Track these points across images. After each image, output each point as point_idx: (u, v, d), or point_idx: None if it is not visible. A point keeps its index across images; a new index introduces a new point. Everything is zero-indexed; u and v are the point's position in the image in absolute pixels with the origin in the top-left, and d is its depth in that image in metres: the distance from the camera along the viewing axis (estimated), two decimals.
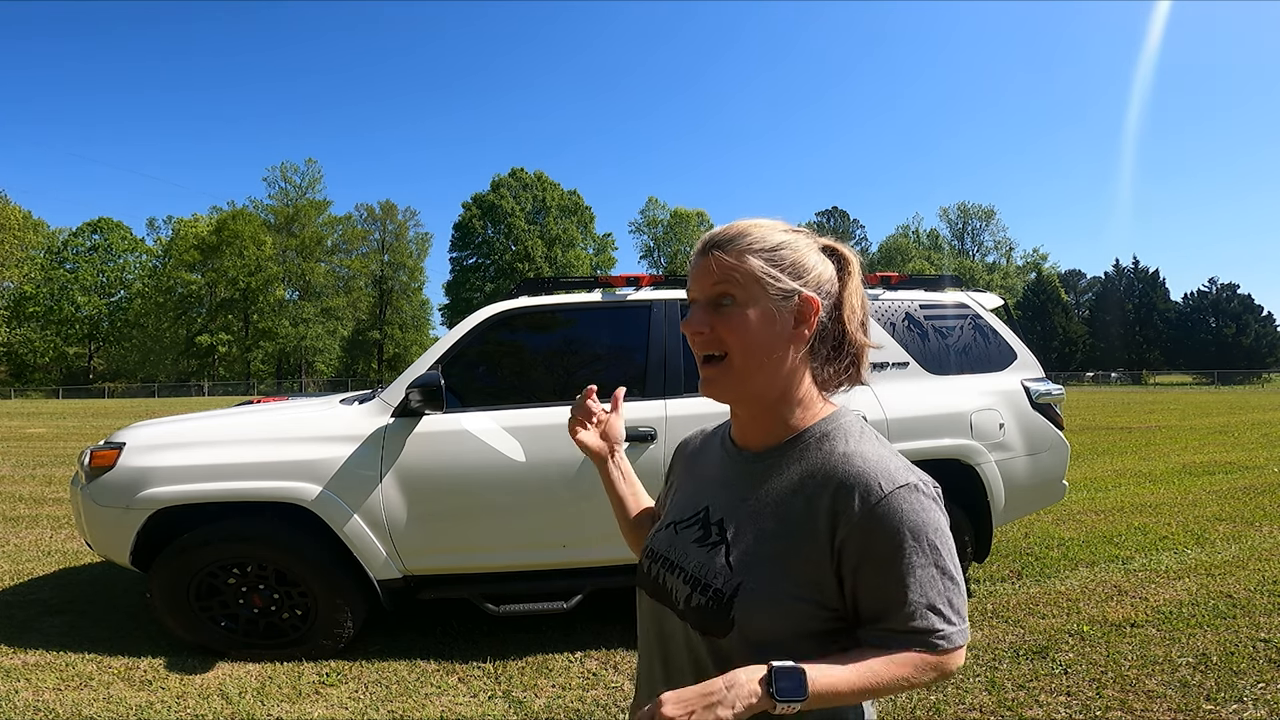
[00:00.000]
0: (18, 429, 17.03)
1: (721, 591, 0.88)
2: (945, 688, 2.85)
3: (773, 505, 0.90)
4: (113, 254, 58.36)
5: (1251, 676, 2.90)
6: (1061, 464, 3.84)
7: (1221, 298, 57.28)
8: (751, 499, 0.92)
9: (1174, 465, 8.62)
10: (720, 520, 0.94)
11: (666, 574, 0.96)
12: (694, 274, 0.93)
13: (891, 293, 3.83)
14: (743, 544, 0.90)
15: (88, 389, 52.32)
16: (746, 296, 0.89)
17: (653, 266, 65.77)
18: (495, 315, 3.48)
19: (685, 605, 0.91)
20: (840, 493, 0.85)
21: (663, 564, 0.98)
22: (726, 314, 0.89)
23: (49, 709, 2.79)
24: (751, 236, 0.90)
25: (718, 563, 0.90)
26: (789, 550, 0.87)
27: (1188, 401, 24.04)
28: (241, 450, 3.18)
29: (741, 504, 0.93)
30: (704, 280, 0.91)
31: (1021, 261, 72.01)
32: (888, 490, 0.83)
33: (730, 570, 0.88)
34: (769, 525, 0.89)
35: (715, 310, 0.90)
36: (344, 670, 3.11)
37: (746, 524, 0.91)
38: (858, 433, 0.92)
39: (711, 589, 0.89)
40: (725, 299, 0.90)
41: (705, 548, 0.93)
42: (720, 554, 0.91)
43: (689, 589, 0.91)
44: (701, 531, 0.95)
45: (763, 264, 0.89)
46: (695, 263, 0.93)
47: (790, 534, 0.87)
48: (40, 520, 6.18)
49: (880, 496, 0.83)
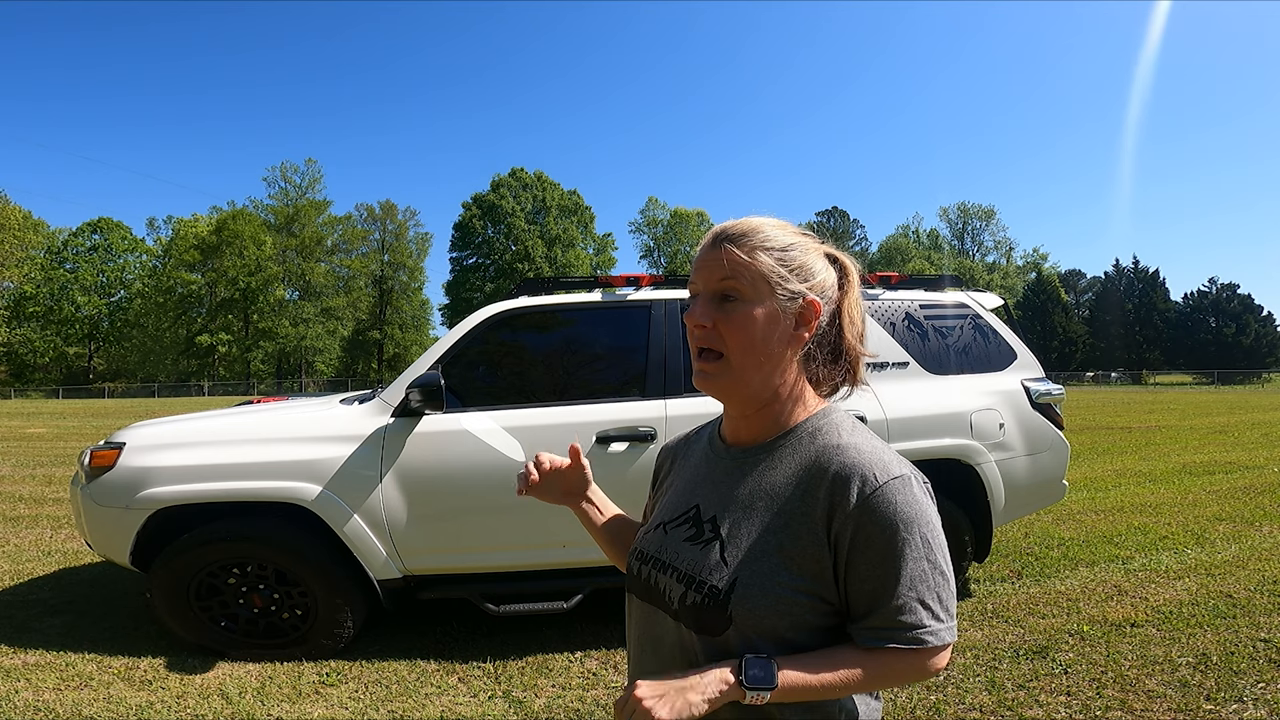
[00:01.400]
0: (18, 429, 17.03)
1: (718, 588, 0.87)
2: (945, 687, 2.85)
3: (767, 499, 0.90)
4: (113, 254, 58.39)
5: (1251, 676, 2.90)
6: (1061, 464, 3.84)
7: (1221, 298, 57.27)
8: (744, 494, 0.92)
9: (1174, 465, 8.62)
10: (713, 517, 0.94)
11: (658, 574, 0.95)
12: (701, 265, 0.92)
13: (891, 293, 3.83)
14: (738, 539, 0.89)
15: (88, 389, 52.31)
16: (753, 294, 0.88)
17: (653, 266, 65.76)
18: (495, 315, 3.48)
19: (680, 604, 0.91)
20: (836, 483, 0.85)
21: (653, 565, 0.97)
22: (731, 310, 0.89)
23: (49, 709, 2.78)
24: (764, 234, 0.90)
25: (712, 559, 0.90)
26: (786, 542, 0.87)
27: (1188, 401, 24.04)
28: (241, 450, 3.18)
29: (733, 499, 0.93)
30: (712, 273, 0.90)
31: (1021, 261, 72.05)
32: (882, 481, 0.84)
33: (725, 566, 0.88)
34: (764, 519, 0.89)
35: (719, 305, 0.90)
36: (344, 670, 3.11)
37: (740, 519, 0.91)
38: (849, 427, 0.92)
39: (707, 585, 0.88)
40: (731, 294, 0.89)
41: (698, 545, 0.93)
42: (714, 550, 0.90)
43: (683, 588, 0.91)
44: (693, 530, 0.95)
45: (773, 263, 0.89)
46: (704, 254, 0.92)
47: (787, 526, 0.87)
48: (40, 520, 6.17)
49: (875, 486, 0.84)
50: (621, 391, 3.45)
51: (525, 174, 61.51)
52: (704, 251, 0.92)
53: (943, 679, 2.94)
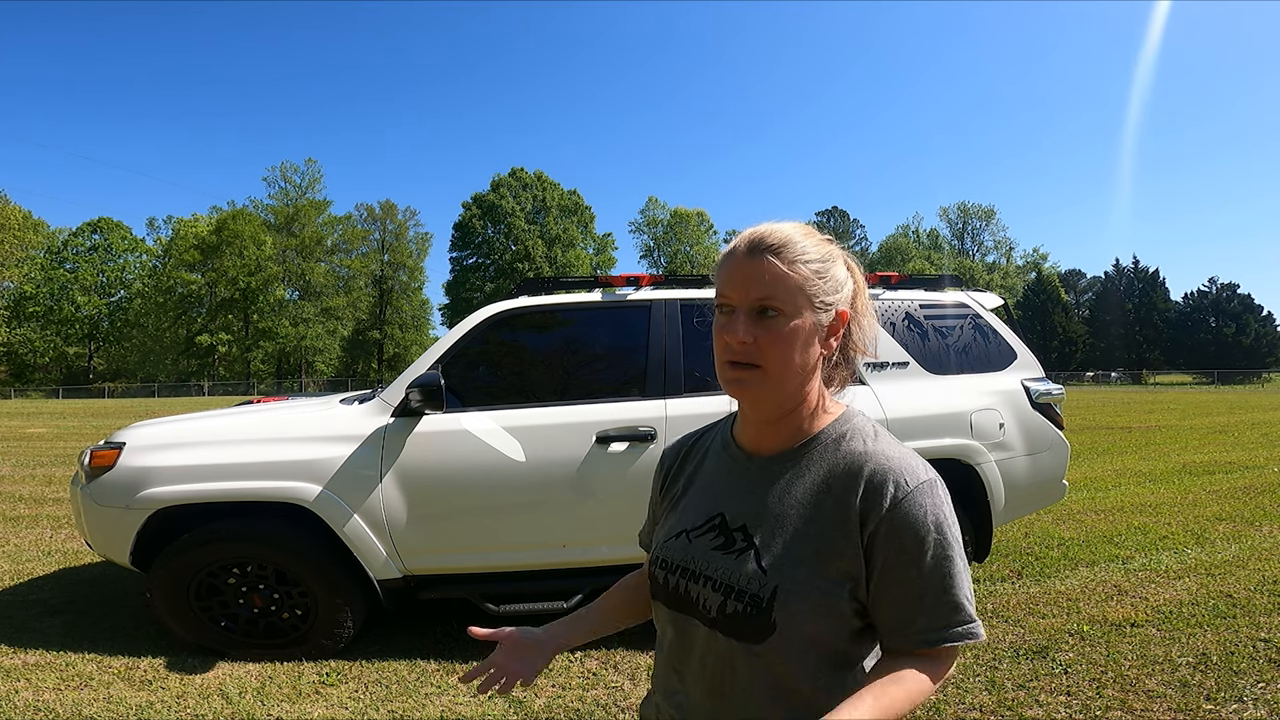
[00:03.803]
0: (18, 429, 17.03)
1: (759, 596, 0.88)
2: (945, 687, 2.85)
3: (799, 506, 0.91)
4: (113, 254, 58.39)
5: (1251, 676, 2.90)
6: (1061, 464, 3.84)
7: (1221, 297, 57.30)
8: (774, 502, 0.93)
9: (1174, 465, 8.62)
10: (742, 526, 0.94)
11: (689, 584, 0.95)
12: (737, 277, 0.89)
13: (891, 292, 3.83)
14: (774, 547, 0.90)
15: (88, 389, 52.31)
16: (793, 309, 0.87)
17: (653, 266, 65.73)
18: (495, 315, 3.48)
19: (719, 613, 0.91)
20: (869, 489, 0.87)
21: (681, 574, 0.96)
22: (771, 327, 0.87)
23: (49, 709, 2.78)
24: (802, 245, 0.89)
25: (749, 568, 0.90)
26: (823, 548, 0.88)
27: (1188, 401, 24.04)
28: (241, 450, 3.18)
29: (763, 508, 0.93)
30: (751, 286, 0.88)
31: (1021, 261, 72.08)
32: (913, 485, 0.86)
33: (764, 575, 0.89)
34: (798, 526, 0.90)
35: (758, 320, 0.88)
36: (344, 670, 3.11)
37: (774, 527, 0.91)
38: (873, 432, 0.94)
39: (747, 595, 0.89)
40: (772, 310, 0.87)
41: (731, 555, 0.92)
42: (750, 559, 0.90)
43: (721, 597, 0.91)
44: (722, 539, 0.95)
45: (811, 275, 0.88)
46: (738, 264, 0.89)
47: (824, 533, 0.88)
48: (40, 520, 6.17)
49: (908, 491, 0.86)
50: (621, 391, 3.45)
51: (525, 174, 61.50)
52: (738, 261, 0.89)
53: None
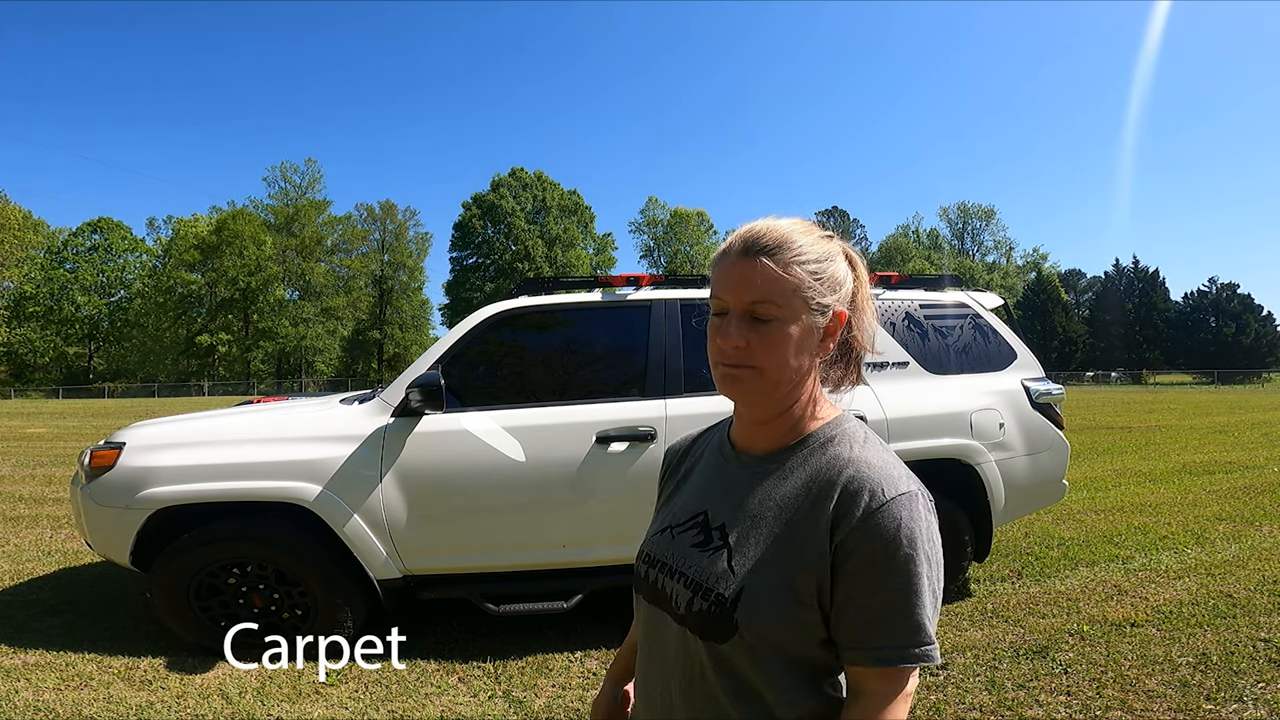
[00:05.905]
0: (18, 429, 17.03)
1: (724, 596, 0.87)
2: (945, 687, 2.85)
3: (776, 509, 0.89)
4: (113, 254, 58.39)
5: (1251, 676, 2.90)
6: (1061, 464, 3.84)
7: (1221, 297, 57.29)
8: (753, 503, 0.92)
9: (1174, 465, 8.62)
10: (721, 525, 0.93)
11: (665, 579, 0.95)
12: (732, 279, 0.87)
13: (891, 292, 3.84)
14: (746, 548, 0.89)
15: (88, 389, 52.29)
16: (789, 313, 0.86)
17: (653, 266, 65.74)
18: (495, 315, 3.48)
19: (686, 610, 0.90)
20: (844, 496, 0.85)
21: (660, 569, 0.96)
22: (765, 331, 0.86)
23: (49, 709, 2.78)
24: (799, 245, 0.86)
25: (719, 567, 0.89)
26: (793, 553, 0.86)
27: (1188, 401, 24.03)
28: (241, 450, 3.18)
29: (743, 508, 0.92)
30: (746, 289, 0.86)
31: (1021, 261, 72.14)
32: (889, 496, 0.83)
33: (733, 574, 0.88)
34: (773, 529, 0.88)
35: (753, 324, 0.86)
36: (344, 670, 3.10)
37: (749, 528, 0.90)
38: (861, 438, 0.92)
39: (714, 594, 0.88)
40: (767, 315, 0.86)
41: (706, 552, 0.92)
42: (722, 558, 0.90)
43: (690, 594, 0.90)
44: (701, 536, 0.94)
45: (808, 277, 0.86)
46: (732, 265, 0.87)
47: (795, 537, 0.87)
48: (40, 520, 6.17)
49: (882, 502, 0.83)
50: (621, 391, 3.45)
51: (525, 174, 61.51)
52: (732, 262, 0.87)
53: (943, 679, 2.94)
